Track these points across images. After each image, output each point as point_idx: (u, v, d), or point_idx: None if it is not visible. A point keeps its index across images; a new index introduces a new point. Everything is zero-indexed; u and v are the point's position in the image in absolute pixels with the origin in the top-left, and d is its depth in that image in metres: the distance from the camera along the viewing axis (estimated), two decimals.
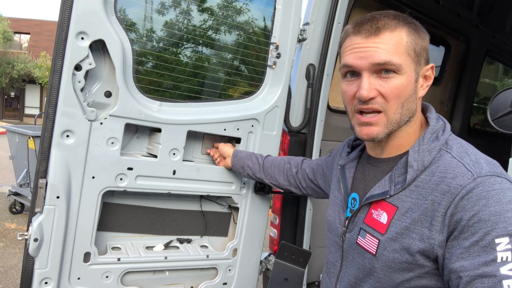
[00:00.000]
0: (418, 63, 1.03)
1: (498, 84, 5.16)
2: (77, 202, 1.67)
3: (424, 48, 1.04)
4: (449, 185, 0.93)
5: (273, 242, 2.44)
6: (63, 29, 1.52)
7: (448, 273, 0.91)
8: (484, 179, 0.92)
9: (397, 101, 1.02)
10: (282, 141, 2.23)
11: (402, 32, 1.02)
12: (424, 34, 1.05)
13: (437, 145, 1.02)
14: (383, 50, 1.00)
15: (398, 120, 1.04)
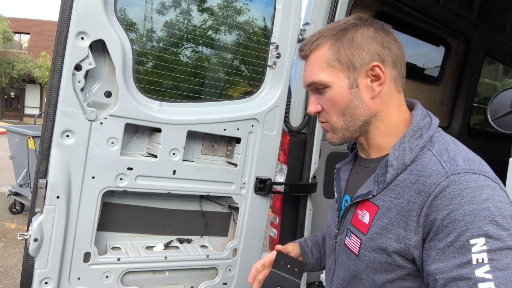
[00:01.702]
0: (351, 69, 1.03)
1: (498, 84, 5.16)
2: (77, 202, 1.67)
3: (351, 54, 1.02)
4: (423, 183, 0.92)
5: (273, 242, 2.44)
6: (63, 29, 1.52)
7: (426, 276, 0.88)
8: (458, 176, 0.88)
9: (335, 110, 1.07)
10: (282, 141, 2.23)
11: (323, 48, 1.05)
12: (353, 37, 1.03)
13: (420, 143, 0.99)
14: (308, 72, 1.08)
15: (345, 126, 1.07)
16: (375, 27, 1.04)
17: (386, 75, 1.02)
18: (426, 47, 3.58)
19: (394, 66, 1.04)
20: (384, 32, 1.03)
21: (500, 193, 0.87)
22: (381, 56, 1.02)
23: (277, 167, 2.21)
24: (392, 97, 1.05)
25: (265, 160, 2.07)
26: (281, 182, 2.31)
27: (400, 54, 1.05)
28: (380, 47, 1.02)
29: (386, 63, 1.02)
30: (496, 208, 0.84)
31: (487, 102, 3.96)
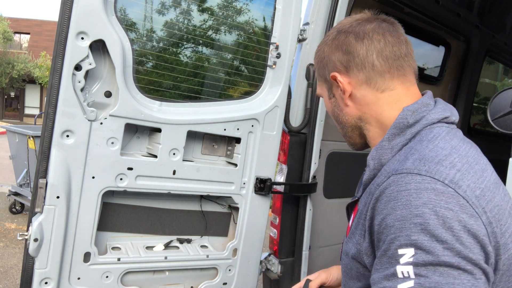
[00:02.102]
0: (326, 81, 1.06)
1: (498, 84, 5.16)
2: (77, 202, 1.67)
3: (322, 66, 1.04)
4: (374, 184, 0.88)
5: (273, 242, 2.44)
6: (63, 29, 1.52)
7: None
8: (398, 177, 0.79)
9: (332, 118, 1.11)
10: (282, 141, 2.23)
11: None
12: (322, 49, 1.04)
13: (401, 141, 0.91)
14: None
15: (343, 133, 1.10)
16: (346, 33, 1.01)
17: (353, 81, 0.99)
18: (426, 47, 3.58)
19: (361, 68, 0.97)
20: (353, 36, 0.99)
21: (449, 199, 0.74)
22: (344, 63, 0.99)
23: (277, 167, 2.21)
24: (372, 98, 0.98)
25: (265, 160, 2.07)
26: (281, 182, 2.31)
27: (368, 51, 0.97)
28: (342, 54, 0.99)
29: (352, 69, 0.98)
30: (434, 215, 0.72)
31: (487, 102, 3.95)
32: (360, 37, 0.98)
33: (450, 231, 0.71)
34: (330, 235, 2.69)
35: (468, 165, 0.81)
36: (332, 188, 2.75)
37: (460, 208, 0.73)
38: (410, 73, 0.99)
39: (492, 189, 0.81)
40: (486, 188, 0.80)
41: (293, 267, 2.40)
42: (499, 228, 0.78)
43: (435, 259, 0.70)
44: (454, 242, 0.71)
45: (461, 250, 0.71)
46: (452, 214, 0.72)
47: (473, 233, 0.72)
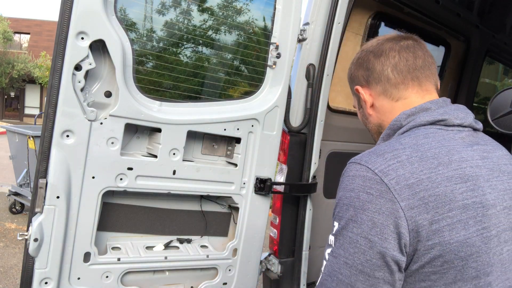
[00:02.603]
0: (355, 94, 1.25)
1: (498, 84, 5.16)
2: (77, 202, 1.67)
3: (351, 81, 1.25)
4: None
5: (273, 242, 2.44)
6: (63, 29, 1.52)
7: None
8: (348, 165, 0.99)
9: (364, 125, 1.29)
10: (282, 141, 2.23)
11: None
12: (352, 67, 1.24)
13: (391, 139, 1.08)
14: None
15: (370, 134, 1.26)
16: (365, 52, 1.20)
17: (373, 92, 1.16)
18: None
19: (378, 81, 1.13)
20: (374, 54, 1.16)
21: (373, 185, 0.89)
22: (366, 78, 1.17)
23: (277, 167, 2.21)
24: (389, 107, 1.13)
25: (265, 160, 2.07)
26: (281, 182, 2.31)
27: (384, 66, 1.12)
28: (364, 71, 1.17)
29: (371, 83, 1.15)
30: (357, 198, 0.91)
31: (487, 102, 3.95)
32: (377, 55, 1.15)
33: (365, 212, 0.89)
34: None
35: (418, 159, 0.93)
36: (332, 188, 2.75)
37: (379, 193, 0.89)
38: (427, 82, 1.11)
39: (441, 181, 0.90)
40: (429, 180, 0.89)
41: (293, 267, 2.40)
42: (431, 213, 0.87)
43: (346, 233, 0.91)
44: (365, 221, 0.88)
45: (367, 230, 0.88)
46: (370, 198, 0.89)
47: (387, 213, 0.87)
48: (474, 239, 0.90)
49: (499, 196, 0.97)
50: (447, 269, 0.89)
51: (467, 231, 0.89)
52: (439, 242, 0.87)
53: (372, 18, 2.90)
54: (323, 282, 0.94)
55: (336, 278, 0.90)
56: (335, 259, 0.92)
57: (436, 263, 0.88)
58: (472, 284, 0.91)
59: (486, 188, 0.95)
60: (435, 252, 0.88)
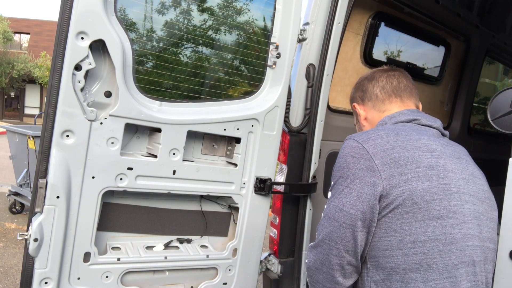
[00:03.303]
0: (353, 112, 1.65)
1: (498, 84, 5.16)
2: (77, 202, 1.67)
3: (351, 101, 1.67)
4: None
5: (273, 242, 2.44)
6: (63, 29, 1.52)
7: None
8: (344, 141, 1.34)
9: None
10: (282, 141, 2.23)
11: None
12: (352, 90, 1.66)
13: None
14: None
15: None
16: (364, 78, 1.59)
17: (366, 108, 1.56)
18: (426, 47, 3.57)
19: (369, 99, 1.54)
20: (368, 79, 1.57)
21: (356, 150, 1.25)
22: (361, 97, 1.58)
23: (277, 167, 2.21)
24: (377, 118, 1.51)
25: (265, 160, 2.07)
26: (281, 182, 2.31)
27: (374, 87, 1.52)
28: (360, 92, 1.59)
29: (365, 100, 1.56)
30: (344, 160, 1.27)
31: (487, 102, 3.95)
32: (370, 79, 1.56)
33: (349, 169, 1.25)
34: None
35: (393, 134, 1.27)
36: None
37: (360, 156, 1.24)
38: (408, 101, 1.49)
39: (410, 149, 1.22)
40: (400, 147, 1.22)
41: (293, 267, 2.40)
42: (401, 168, 1.19)
43: (336, 186, 1.28)
44: (349, 175, 1.24)
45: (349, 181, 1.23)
46: (354, 160, 1.25)
47: (365, 168, 1.22)
48: (436, 189, 1.19)
49: (458, 169, 1.27)
50: (416, 210, 1.16)
51: (431, 183, 1.19)
52: (409, 189, 1.17)
53: (372, 18, 2.90)
54: (320, 222, 1.29)
55: (327, 217, 1.25)
56: (328, 205, 1.28)
57: (407, 204, 1.16)
58: (438, 223, 1.17)
59: (447, 160, 1.26)
60: (406, 195, 1.16)
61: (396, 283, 1.17)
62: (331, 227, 1.22)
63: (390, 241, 1.17)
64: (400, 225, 1.16)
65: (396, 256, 1.17)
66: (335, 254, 1.21)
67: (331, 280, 1.25)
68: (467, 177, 1.28)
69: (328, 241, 1.22)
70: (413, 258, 1.15)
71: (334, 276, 1.24)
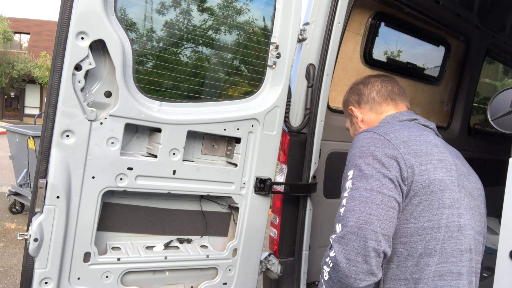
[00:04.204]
0: (348, 114, 1.71)
1: (498, 84, 5.16)
2: (77, 202, 1.67)
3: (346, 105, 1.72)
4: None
5: (273, 242, 2.44)
6: (63, 29, 1.52)
7: None
8: (357, 135, 1.36)
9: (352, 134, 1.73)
10: (282, 141, 2.23)
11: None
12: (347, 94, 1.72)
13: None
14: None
15: None
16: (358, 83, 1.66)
17: (362, 110, 1.62)
18: (426, 47, 3.57)
19: (366, 102, 1.61)
20: (363, 84, 1.64)
21: (378, 142, 1.28)
22: (357, 100, 1.64)
23: (277, 167, 2.21)
24: (374, 119, 1.58)
25: (265, 160, 2.07)
26: (281, 182, 2.31)
27: (370, 91, 1.60)
28: (356, 96, 1.65)
29: (362, 103, 1.62)
30: (367, 150, 1.27)
31: (487, 102, 3.95)
32: (366, 84, 1.64)
33: (375, 157, 1.25)
34: (330, 235, 2.68)
35: (407, 129, 1.35)
36: (332, 188, 2.75)
37: (384, 145, 1.27)
38: (401, 103, 1.59)
39: (423, 143, 1.30)
40: (416, 140, 1.30)
41: (293, 267, 2.40)
42: (420, 159, 1.26)
43: (362, 173, 1.24)
44: (375, 163, 1.24)
45: (378, 167, 1.23)
46: (377, 148, 1.26)
47: (391, 156, 1.24)
48: (447, 180, 1.27)
49: (458, 165, 1.36)
50: (433, 198, 1.23)
51: (443, 174, 1.27)
52: (428, 178, 1.24)
53: (372, 18, 2.90)
54: (347, 209, 1.20)
55: (359, 200, 1.19)
56: (355, 191, 1.22)
57: (426, 192, 1.23)
58: (449, 211, 1.25)
59: (450, 157, 1.35)
60: (425, 184, 1.23)
61: (411, 267, 1.22)
62: (368, 210, 1.16)
63: (409, 228, 1.22)
64: (420, 212, 1.22)
65: (414, 242, 1.22)
66: (373, 238, 1.13)
67: (367, 271, 1.13)
68: (464, 173, 1.38)
69: (365, 225, 1.14)
70: (429, 244, 1.21)
71: (371, 264, 1.13)
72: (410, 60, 3.41)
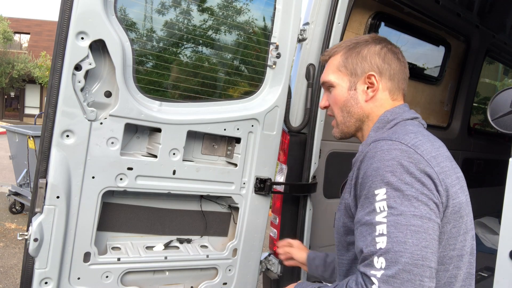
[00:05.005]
0: (353, 75, 1.28)
1: (498, 84, 5.16)
2: (77, 202, 1.67)
3: (356, 62, 1.27)
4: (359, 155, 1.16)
5: (273, 242, 2.44)
6: (63, 29, 1.52)
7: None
8: (375, 143, 1.09)
9: (336, 106, 1.32)
10: (282, 141, 2.23)
11: (337, 55, 1.32)
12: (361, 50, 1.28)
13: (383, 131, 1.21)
14: (324, 73, 1.36)
15: (343, 121, 1.32)
16: (383, 45, 1.28)
17: (381, 84, 1.26)
18: (426, 47, 3.58)
19: (391, 79, 1.26)
20: (389, 50, 1.27)
21: (410, 155, 1.03)
22: (380, 69, 1.25)
23: (277, 167, 2.21)
24: (386, 104, 1.27)
25: (265, 160, 2.07)
26: (281, 182, 2.31)
27: (399, 71, 1.27)
28: (381, 61, 1.25)
29: (383, 75, 1.25)
30: (399, 165, 1.01)
31: (487, 102, 3.96)
32: (395, 54, 1.28)
33: (412, 175, 1.01)
34: (330, 235, 2.69)
35: (427, 140, 1.12)
36: (332, 188, 2.75)
37: (418, 160, 1.03)
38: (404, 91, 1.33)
39: (444, 159, 1.11)
40: (439, 156, 1.10)
41: (293, 267, 2.40)
42: (449, 179, 1.08)
43: (401, 194, 0.99)
44: (414, 182, 1.00)
45: (420, 188, 1.00)
46: (412, 164, 1.02)
47: (429, 175, 1.03)
48: (467, 202, 1.14)
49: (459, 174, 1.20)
50: (460, 223, 1.10)
51: (465, 196, 1.13)
52: (458, 202, 1.08)
53: (372, 18, 2.90)
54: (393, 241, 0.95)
55: (409, 230, 0.96)
56: (400, 217, 0.97)
57: (456, 217, 1.08)
58: (469, 235, 1.14)
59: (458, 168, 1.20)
60: (456, 208, 1.08)
61: None
62: (423, 243, 0.95)
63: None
64: (447, 239, 1.08)
65: (438, 272, 1.08)
66: (429, 276, 0.94)
67: None
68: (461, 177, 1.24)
69: (421, 261, 0.94)
70: (452, 273, 1.10)
71: None
72: (410, 60, 3.41)
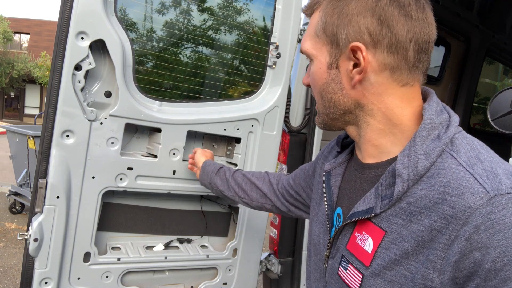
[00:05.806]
0: (334, 44, 0.79)
1: (498, 84, 5.16)
2: (77, 202, 1.67)
3: (336, 25, 0.77)
4: (453, 206, 0.65)
5: (273, 242, 2.44)
6: (63, 29, 1.52)
7: None
8: (505, 198, 0.63)
9: (315, 89, 0.87)
10: (282, 141, 2.23)
11: (317, 12, 0.83)
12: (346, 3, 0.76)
13: (438, 145, 0.73)
14: (303, 39, 0.88)
15: (325, 112, 0.87)
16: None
17: (372, 62, 0.76)
18: None
19: (392, 51, 0.75)
20: (391, 2, 0.74)
21: None
22: (373, 35, 0.75)
23: (277, 167, 2.21)
24: (388, 90, 0.79)
25: (265, 160, 2.07)
26: None
27: (407, 36, 0.75)
28: (375, 22, 0.74)
29: (378, 46, 0.75)
30: None
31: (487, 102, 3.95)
32: (402, 7, 0.74)
33: None
34: None
35: None
36: None
37: None
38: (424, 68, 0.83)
39: None
40: None
41: (293, 267, 2.40)
42: None
43: None
44: None
45: None
46: None
47: None
48: None
49: None
50: None
51: None
52: None
53: None
54: None
55: None
56: None
57: None
58: None
59: None
60: None
61: None
62: None
63: None
64: None
65: None
66: None
67: None
68: None
69: None
70: None
71: None
72: None
